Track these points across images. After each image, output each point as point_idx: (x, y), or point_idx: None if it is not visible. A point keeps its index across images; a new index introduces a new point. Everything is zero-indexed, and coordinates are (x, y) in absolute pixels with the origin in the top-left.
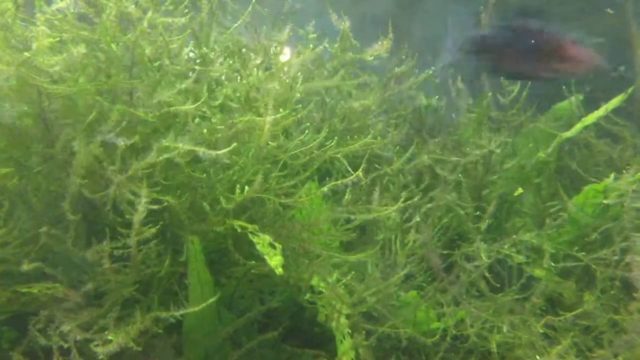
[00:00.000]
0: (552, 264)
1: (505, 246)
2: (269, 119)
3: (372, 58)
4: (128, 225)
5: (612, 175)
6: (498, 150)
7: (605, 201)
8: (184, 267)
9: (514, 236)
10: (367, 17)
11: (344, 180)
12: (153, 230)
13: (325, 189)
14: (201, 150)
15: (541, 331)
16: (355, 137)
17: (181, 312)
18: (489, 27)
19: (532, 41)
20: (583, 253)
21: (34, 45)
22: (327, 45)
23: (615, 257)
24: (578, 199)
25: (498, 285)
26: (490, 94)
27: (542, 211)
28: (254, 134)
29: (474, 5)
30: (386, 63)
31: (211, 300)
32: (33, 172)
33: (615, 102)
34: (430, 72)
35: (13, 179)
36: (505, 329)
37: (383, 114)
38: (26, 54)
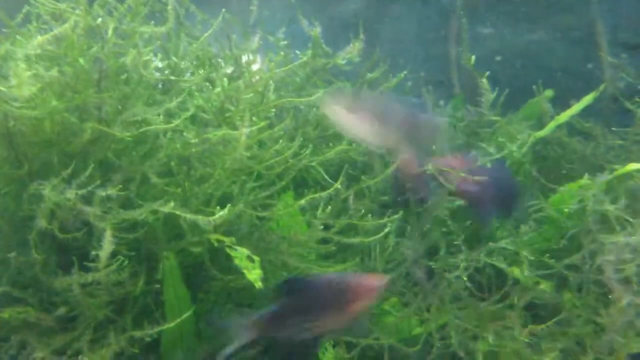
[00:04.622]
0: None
1: (485, 252)
2: (246, 131)
3: (344, 62)
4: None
5: (585, 175)
6: None
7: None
8: (159, 284)
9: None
10: (335, 22)
11: (323, 194)
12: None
13: (302, 202)
14: None
15: (526, 340)
16: (330, 144)
17: (157, 329)
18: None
19: None
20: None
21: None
22: (298, 52)
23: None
24: (555, 199)
25: (479, 293)
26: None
27: None
28: (228, 146)
29: (441, 7)
30: (358, 68)
31: (188, 313)
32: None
33: (586, 100)
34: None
35: None
36: (490, 338)
37: None
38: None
